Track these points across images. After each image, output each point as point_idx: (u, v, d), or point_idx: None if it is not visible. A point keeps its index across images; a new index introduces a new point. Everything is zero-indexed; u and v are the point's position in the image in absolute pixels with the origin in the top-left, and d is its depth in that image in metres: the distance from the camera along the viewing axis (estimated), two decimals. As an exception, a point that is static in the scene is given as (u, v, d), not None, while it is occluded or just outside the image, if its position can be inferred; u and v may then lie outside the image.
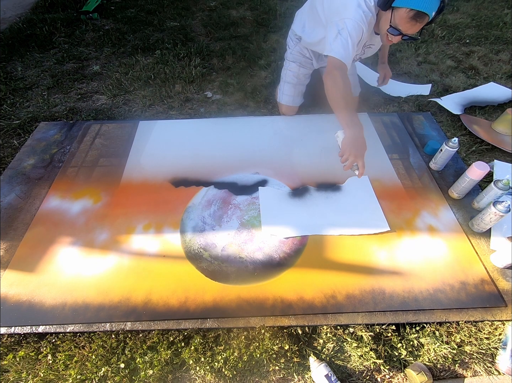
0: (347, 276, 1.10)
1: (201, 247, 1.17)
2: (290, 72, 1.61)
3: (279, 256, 1.15)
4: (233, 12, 2.85)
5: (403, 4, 1.06)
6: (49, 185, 1.38)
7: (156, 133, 1.63)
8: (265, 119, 1.73)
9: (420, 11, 1.04)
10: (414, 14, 1.05)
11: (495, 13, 2.81)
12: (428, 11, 1.04)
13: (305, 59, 1.58)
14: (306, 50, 1.55)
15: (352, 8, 1.14)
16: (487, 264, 1.13)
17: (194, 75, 2.05)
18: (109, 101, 1.89)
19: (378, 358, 0.94)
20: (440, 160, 1.40)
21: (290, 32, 1.59)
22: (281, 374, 0.93)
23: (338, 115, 1.18)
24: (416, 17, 1.06)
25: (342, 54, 1.16)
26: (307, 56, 1.57)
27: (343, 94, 1.16)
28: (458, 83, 2.03)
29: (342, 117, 1.17)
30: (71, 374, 0.90)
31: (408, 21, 1.08)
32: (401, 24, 1.10)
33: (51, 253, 1.14)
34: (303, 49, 1.55)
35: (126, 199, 1.32)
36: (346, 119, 1.16)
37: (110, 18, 2.73)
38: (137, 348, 0.95)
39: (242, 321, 1.00)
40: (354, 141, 1.14)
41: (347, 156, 1.13)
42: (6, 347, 0.97)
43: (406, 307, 1.02)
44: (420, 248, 1.17)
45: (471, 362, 0.96)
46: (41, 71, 2.09)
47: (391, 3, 1.08)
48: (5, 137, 1.64)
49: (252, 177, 1.42)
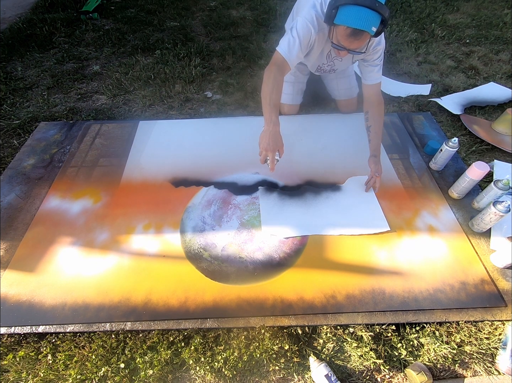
0: (347, 276, 1.10)
1: (201, 247, 1.17)
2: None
3: (279, 256, 1.15)
4: (233, 12, 2.85)
5: (340, 22, 1.06)
6: (49, 185, 1.38)
7: (156, 133, 1.63)
8: (265, 119, 1.73)
9: (357, 29, 1.03)
10: (350, 31, 1.05)
11: (495, 13, 2.81)
12: (365, 28, 1.02)
13: None
14: None
15: (306, 8, 1.17)
16: (487, 264, 1.13)
17: (194, 75, 2.05)
18: (109, 101, 1.89)
19: (378, 358, 0.94)
20: (440, 160, 1.40)
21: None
22: (281, 374, 0.93)
23: (263, 109, 1.21)
24: (353, 34, 1.06)
25: (285, 51, 1.19)
26: None
27: (270, 90, 1.18)
28: (458, 83, 2.03)
29: (264, 112, 1.20)
30: (71, 374, 0.90)
31: (347, 38, 1.08)
32: (341, 40, 1.10)
33: (51, 253, 1.14)
34: None
35: (126, 199, 1.32)
36: (266, 114, 1.19)
37: (110, 18, 2.73)
38: (137, 348, 0.95)
39: (242, 321, 1.00)
40: (268, 135, 1.16)
41: (261, 149, 1.17)
42: (6, 347, 0.97)
43: (406, 307, 1.02)
44: (420, 248, 1.17)
45: (471, 362, 0.96)
46: (41, 71, 2.09)
47: (332, 20, 1.08)
48: (5, 137, 1.64)
49: (252, 177, 1.42)
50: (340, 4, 1.03)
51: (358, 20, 1.01)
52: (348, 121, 1.69)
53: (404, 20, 2.69)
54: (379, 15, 1.01)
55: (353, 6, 1.00)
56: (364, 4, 0.99)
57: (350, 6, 1.01)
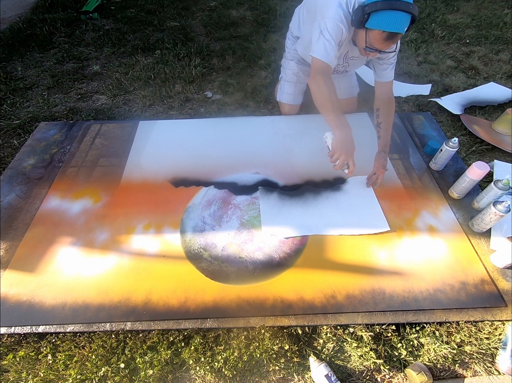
0: (347, 276, 1.10)
1: (201, 247, 1.17)
2: (289, 70, 1.61)
3: (279, 256, 1.15)
4: (233, 12, 2.85)
5: (375, 27, 1.06)
6: (49, 185, 1.38)
7: (156, 133, 1.63)
8: (265, 119, 1.73)
9: (392, 32, 1.05)
10: (386, 35, 1.06)
11: (495, 13, 2.81)
12: (399, 30, 1.04)
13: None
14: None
15: (333, 7, 1.15)
16: (487, 264, 1.13)
17: (194, 75, 2.05)
18: (109, 101, 1.89)
19: (378, 358, 0.94)
20: (440, 160, 1.40)
21: (288, 32, 1.59)
22: (281, 374, 0.93)
23: (326, 117, 1.20)
24: (389, 38, 1.07)
25: (324, 55, 1.17)
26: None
27: (328, 97, 1.18)
28: (458, 83, 2.03)
29: (330, 120, 1.19)
30: (71, 374, 0.90)
31: (382, 41, 1.09)
32: (376, 43, 1.11)
33: (51, 253, 1.14)
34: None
35: (126, 199, 1.32)
36: (335, 121, 1.18)
37: (110, 18, 2.72)
38: (137, 348, 0.95)
39: (242, 321, 1.00)
40: (343, 141, 1.16)
41: (337, 156, 1.16)
42: (6, 347, 0.97)
43: (406, 307, 1.02)
44: (420, 248, 1.17)
45: (471, 362, 0.96)
46: (41, 71, 2.09)
47: (364, 24, 1.09)
48: (5, 137, 1.64)
49: (252, 177, 1.42)
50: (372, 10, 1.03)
51: (394, 24, 1.03)
52: (349, 121, 1.67)
53: (404, 20, 2.69)
54: (411, 15, 1.03)
55: (389, 11, 1.01)
56: (400, 8, 1.00)
57: (386, 11, 1.02)
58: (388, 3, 1.01)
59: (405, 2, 1.00)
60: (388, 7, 1.01)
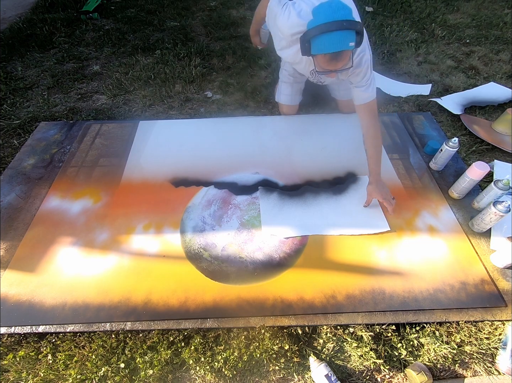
0: (347, 276, 1.10)
1: (201, 247, 1.17)
2: (285, 71, 1.61)
3: (279, 256, 1.15)
4: (233, 12, 2.85)
5: (317, 52, 1.05)
6: (49, 185, 1.38)
7: (156, 133, 1.63)
8: (265, 119, 1.73)
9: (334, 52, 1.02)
10: (330, 57, 1.04)
11: (495, 13, 2.81)
12: (341, 48, 1.01)
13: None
14: None
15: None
16: (487, 264, 1.13)
17: (194, 75, 2.05)
18: (109, 101, 1.89)
19: (378, 358, 0.94)
20: (440, 160, 1.40)
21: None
22: (281, 374, 0.93)
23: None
24: (334, 58, 1.04)
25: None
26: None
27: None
28: (458, 83, 2.03)
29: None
30: (71, 374, 0.90)
31: (329, 63, 1.06)
32: (325, 65, 1.09)
33: (51, 253, 1.14)
34: None
35: (126, 199, 1.32)
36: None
37: (110, 18, 2.72)
38: (137, 348, 0.95)
39: (242, 321, 1.00)
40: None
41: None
42: (6, 347, 0.97)
43: (406, 307, 1.02)
44: (420, 248, 1.17)
45: (471, 362, 0.96)
46: (41, 71, 2.09)
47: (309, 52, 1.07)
48: (5, 137, 1.64)
49: (252, 177, 1.42)
50: (310, 38, 1.02)
51: (332, 44, 1.00)
52: (348, 121, 1.69)
53: (404, 20, 2.69)
54: (351, 31, 1.00)
55: (323, 35, 0.99)
56: (331, 30, 0.97)
57: (321, 36, 1.00)
58: (319, 28, 0.99)
59: (338, 21, 0.97)
60: (321, 32, 0.99)
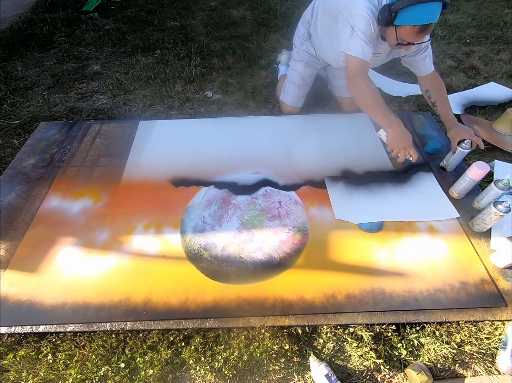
0: (347, 276, 1.10)
1: (201, 247, 1.17)
2: (296, 73, 1.60)
3: (279, 256, 1.15)
4: (233, 11, 2.85)
5: (405, 23, 1.04)
6: (49, 184, 1.38)
7: (156, 133, 1.63)
8: (265, 119, 1.73)
9: (425, 24, 1.03)
10: (419, 28, 1.04)
11: (495, 12, 2.80)
12: (432, 21, 1.02)
13: (312, 58, 1.56)
14: (313, 48, 1.52)
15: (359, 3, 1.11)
16: (487, 264, 1.13)
17: (194, 74, 2.05)
18: (109, 101, 1.89)
19: (378, 358, 0.94)
20: (454, 161, 1.40)
21: (297, 30, 1.57)
22: (281, 374, 0.93)
23: (374, 118, 1.23)
24: (422, 30, 1.05)
25: (360, 53, 1.15)
26: (313, 55, 1.54)
27: (372, 99, 1.19)
28: (458, 82, 2.03)
29: (379, 120, 1.22)
30: (72, 374, 0.90)
31: (416, 35, 1.07)
32: (408, 38, 1.09)
33: (51, 253, 1.14)
34: (309, 47, 1.53)
35: (126, 199, 1.32)
36: (384, 120, 1.20)
37: (110, 18, 2.72)
38: (137, 348, 0.95)
39: (242, 321, 1.00)
40: (398, 137, 1.19)
41: (397, 151, 1.21)
42: (7, 347, 0.97)
43: (406, 307, 1.02)
44: (420, 248, 1.17)
45: (471, 362, 0.96)
46: (41, 71, 2.09)
47: (392, 22, 1.07)
48: (5, 137, 1.64)
49: (252, 177, 1.42)
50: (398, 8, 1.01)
51: (426, 16, 1.00)
52: (349, 121, 1.69)
53: (405, 19, 2.69)
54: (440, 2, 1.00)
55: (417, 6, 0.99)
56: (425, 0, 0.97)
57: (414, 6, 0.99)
58: None
59: None
60: (416, 2, 0.98)
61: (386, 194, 1.33)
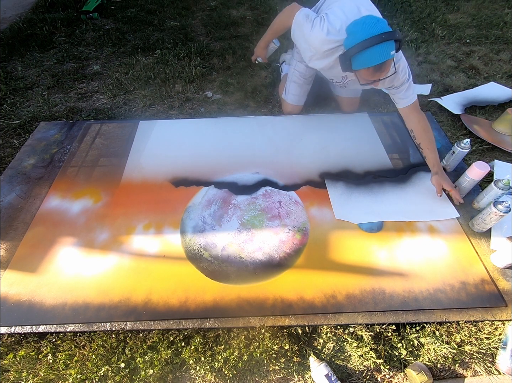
0: (347, 276, 1.10)
1: (201, 247, 1.17)
2: (297, 72, 1.60)
3: (279, 256, 1.15)
4: (233, 11, 2.84)
5: (360, 67, 1.08)
6: (49, 184, 1.38)
7: (156, 133, 1.63)
8: (265, 119, 1.73)
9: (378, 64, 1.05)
10: (373, 69, 1.07)
11: (495, 12, 2.80)
12: (383, 59, 1.03)
13: None
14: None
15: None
16: (487, 264, 1.13)
17: (194, 74, 2.04)
18: (109, 100, 1.89)
19: (378, 358, 0.94)
20: (453, 162, 1.40)
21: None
22: (281, 374, 0.93)
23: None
24: (378, 69, 1.07)
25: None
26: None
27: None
28: (458, 82, 2.03)
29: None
30: (72, 374, 0.90)
31: (373, 74, 1.10)
32: (369, 78, 1.12)
33: (51, 253, 1.14)
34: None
35: (126, 199, 1.32)
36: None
37: (110, 18, 2.72)
38: (137, 348, 0.95)
39: (242, 321, 1.00)
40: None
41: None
42: (7, 347, 0.97)
43: (406, 307, 1.02)
44: (420, 248, 1.17)
45: (471, 362, 0.96)
46: (41, 71, 2.09)
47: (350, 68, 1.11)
48: (5, 137, 1.64)
49: (252, 177, 1.42)
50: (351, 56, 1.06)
51: (374, 58, 1.03)
52: (349, 121, 1.69)
53: (405, 20, 2.69)
54: (391, 41, 1.02)
55: (365, 51, 1.02)
56: (372, 44, 1.00)
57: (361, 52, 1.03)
58: (360, 45, 1.02)
59: (376, 35, 1.00)
60: (362, 49, 1.02)
61: (386, 194, 1.33)
